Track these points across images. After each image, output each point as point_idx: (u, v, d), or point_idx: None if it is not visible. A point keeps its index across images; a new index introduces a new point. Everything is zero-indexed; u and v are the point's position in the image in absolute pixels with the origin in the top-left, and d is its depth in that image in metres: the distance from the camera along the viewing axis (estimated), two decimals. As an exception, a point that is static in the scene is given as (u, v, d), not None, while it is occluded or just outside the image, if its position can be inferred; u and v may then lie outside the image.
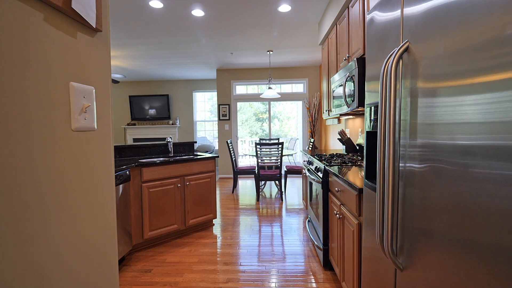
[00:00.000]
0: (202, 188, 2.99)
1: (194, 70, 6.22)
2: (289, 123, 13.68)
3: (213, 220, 3.26)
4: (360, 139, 2.70)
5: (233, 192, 4.74)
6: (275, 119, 14.89)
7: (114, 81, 5.66)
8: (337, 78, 2.56)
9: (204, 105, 7.62)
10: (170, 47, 4.46)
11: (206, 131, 7.61)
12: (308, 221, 2.83)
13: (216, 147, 7.30)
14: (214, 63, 5.58)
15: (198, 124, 7.55)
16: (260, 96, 4.80)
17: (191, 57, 5.12)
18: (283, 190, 4.17)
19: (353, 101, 2.09)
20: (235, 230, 3.04)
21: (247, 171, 4.54)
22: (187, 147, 3.52)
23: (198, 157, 2.96)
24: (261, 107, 15.63)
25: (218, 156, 3.12)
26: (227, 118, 6.05)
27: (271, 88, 4.66)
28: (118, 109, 7.58)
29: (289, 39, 4.18)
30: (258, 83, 6.07)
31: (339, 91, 2.51)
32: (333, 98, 2.76)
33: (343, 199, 1.64)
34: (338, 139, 2.93)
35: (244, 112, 13.78)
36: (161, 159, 3.06)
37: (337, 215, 1.72)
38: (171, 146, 3.19)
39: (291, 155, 6.08)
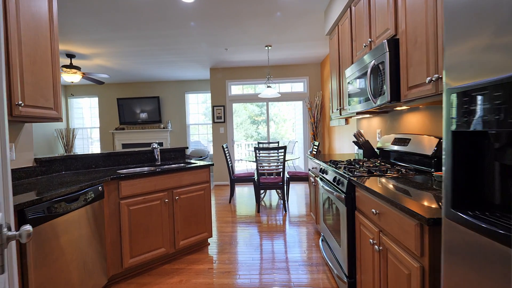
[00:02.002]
0: (195, 202, 2.52)
1: (185, 70, 5.76)
2: (285, 125, 13.32)
3: (208, 239, 2.79)
4: (381, 142, 2.29)
5: (230, 202, 4.28)
6: (271, 121, 14.53)
7: (99, 82, 5.16)
8: (352, 70, 2.15)
9: (198, 107, 7.15)
10: (157, 42, 4.01)
11: (200, 134, 7.14)
12: (322, 240, 2.39)
13: (211, 152, 6.82)
14: (207, 61, 5.14)
15: (191, 128, 7.08)
16: (259, 96, 4.37)
17: (181, 55, 4.67)
18: (285, 199, 3.72)
19: (380, 94, 1.67)
20: (234, 251, 2.57)
21: (245, 179, 4.09)
22: (177, 154, 3.06)
23: (190, 165, 2.50)
24: (256, 109, 15.29)
25: (212, 164, 2.66)
26: (222, 120, 5.60)
27: (270, 86, 4.24)
28: (106, 113, 7.06)
29: (290, 32, 3.77)
30: (255, 82, 5.65)
31: (356, 85, 2.09)
32: (347, 95, 2.34)
33: (385, 225, 1.20)
34: (353, 142, 2.51)
35: (239, 114, 13.35)
36: (146, 169, 2.59)
37: (375, 246, 1.28)
38: (158, 153, 2.72)
39: (294, 159, 5.66)
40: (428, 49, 1.27)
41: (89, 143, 7.49)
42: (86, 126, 7.37)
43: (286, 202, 3.74)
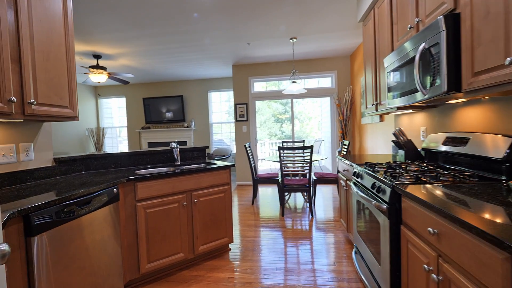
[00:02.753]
0: (215, 205, 2.37)
1: (208, 68, 5.67)
2: (310, 123, 12.88)
3: (229, 244, 2.63)
4: (427, 142, 1.96)
5: (253, 203, 4.10)
6: (295, 119, 14.18)
7: (124, 82, 5.24)
8: (393, 59, 1.84)
9: (220, 105, 7.07)
10: (178, 39, 3.92)
11: (223, 133, 7.05)
12: (356, 252, 2.11)
13: (234, 151, 6.71)
14: (229, 58, 4.99)
15: (214, 126, 7.01)
16: (283, 92, 4.13)
17: (203, 51, 4.56)
18: (312, 202, 3.46)
19: (432, 84, 1.37)
20: (256, 259, 2.38)
21: (268, 180, 3.88)
22: (197, 153, 2.93)
23: (209, 166, 2.35)
24: (280, 107, 15.01)
25: (233, 165, 2.49)
26: (245, 118, 5.43)
27: (295, 82, 3.98)
28: (133, 112, 7.23)
29: (317, 22, 3.48)
30: (279, 78, 5.40)
31: (398, 75, 1.79)
32: (386, 88, 2.03)
33: (449, 250, 0.93)
34: (393, 141, 2.19)
35: (263, 113, 13.13)
36: (165, 169, 2.49)
37: (432, 275, 1.01)
38: (177, 152, 2.61)
39: (321, 160, 5.37)
40: (509, 20, 0.96)
41: (118, 141, 7.73)
42: (115, 125, 7.61)
43: (312, 205, 3.48)
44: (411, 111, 2.28)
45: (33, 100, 1.52)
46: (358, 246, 2.05)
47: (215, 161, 2.71)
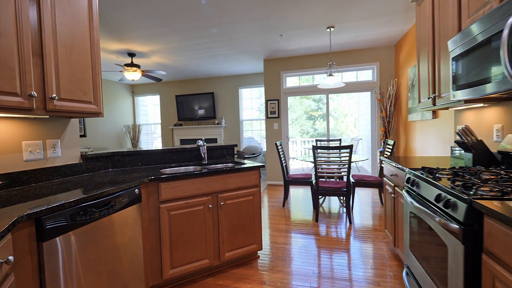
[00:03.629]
0: (243, 209, 2.18)
1: (239, 63, 5.52)
2: (346, 120, 12.20)
3: (258, 251, 2.44)
4: (506, 143, 1.55)
5: (284, 205, 3.86)
6: (329, 117, 13.55)
7: (157, 79, 5.30)
8: (462, 40, 1.47)
9: (251, 102, 6.90)
10: (209, 33, 3.80)
11: (253, 131, 6.89)
12: (407, 274, 1.78)
13: (265, 149, 6.51)
14: (260, 52, 4.77)
15: (245, 124, 6.87)
16: (318, 87, 3.80)
17: (233, 46, 4.40)
18: (350, 208, 3.12)
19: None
20: (287, 270, 2.15)
21: (301, 181, 3.61)
22: (226, 152, 2.77)
23: (237, 167, 2.16)
24: (313, 104, 14.49)
25: (263, 166, 2.28)
26: (276, 115, 5.19)
27: (332, 75, 3.64)
28: (166, 110, 7.39)
29: (358, 7, 3.11)
30: (313, 72, 5.05)
31: (468, 61, 1.42)
32: (451, 76, 1.66)
33: None
34: (456, 141, 1.81)
35: (294, 110, 12.74)
36: (191, 168, 2.36)
37: None
38: (204, 151, 2.47)
39: (360, 161, 4.94)
40: None
41: (153, 138, 7.98)
42: (149, 122, 7.85)
43: (350, 211, 3.14)
44: (481, 104, 1.86)
45: (55, 95, 1.45)
46: (410, 266, 1.71)
47: (244, 161, 2.52)
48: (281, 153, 3.78)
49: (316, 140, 4.60)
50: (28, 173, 1.61)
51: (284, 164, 3.80)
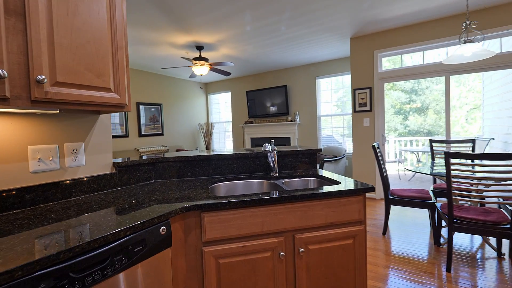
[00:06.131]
0: (336, 259, 1.32)
1: (317, 47, 4.56)
2: (454, 114, 9.68)
3: (357, 322, 1.53)
4: None
5: (384, 233, 2.77)
6: (428, 110, 11.10)
7: (226, 73, 4.87)
8: None
9: (331, 95, 5.83)
10: (279, 9, 3.01)
11: (333, 128, 5.81)
12: None
13: (348, 150, 5.37)
14: (346, 27, 3.72)
15: (322, 120, 5.85)
16: (444, 62, 2.53)
17: (313, 21, 3.50)
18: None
19: None
20: None
21: (413, 202, 2.48)
22: (305, 159, 1.95)
23: (326, 189, 1.32)
24: (402, 96, 12.24)
25: (372, 189, 1.36)
26: (368, 108, 4.03)
27: (470, 41, 2.34)
28: (237, 107, 7.04)
29: None
30: (425, 46, 3.67)
31: None
32: None
33: None
34: None
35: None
36: (255, 183, 1.64)
37: None
38: (274, 158, 1.71)
39: None
40: None
41: (225, 136, 7.80)
42: (222, 120, 7.68)
43: (512, 261, 1.88)
44: None
45: (43, 77, 0.92)
46: None
47: (332, 176, 1.65)
48: (380, 158, 2.71)
49: (431, 141, 3.28)
50: (35, 190, 1.17)
51: (384, 174, 2.72)
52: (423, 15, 3.40)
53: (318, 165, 2.53)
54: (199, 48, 4.34)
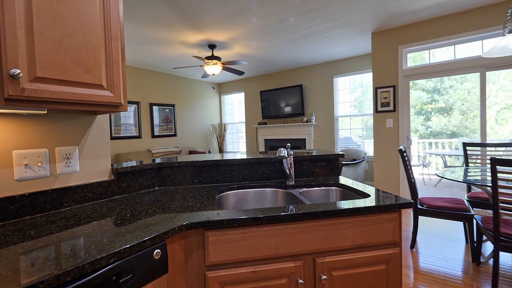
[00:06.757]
0: (364, 286, 1.11)
1: (334, 44, 4.31)
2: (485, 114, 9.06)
3: None
4: None
5: (412, 246, 2.50)
6: (453, 110, 10.49)
7: (239, 72, 4.71)
8: None
9: (349, 94, 5.53)
10: (293, 2, 2.81)
11: (351, 129, 5.51)
12: None
13: (368, 153, 5.06)
14: (367, 21, 3.45)
15: (340, 121, 5.57)
16: (484, 55, 2.24)
17: (328, 18, 3.27)
18: None
19: None
20: None
21: (447, 214, 2.20)
22: (325, 165, 1.73)
23: (354, 205, 1.11)
24: (424, 96, 11.64)
25: (410, 204, 1.13)
26: (391, 108, 3.74)
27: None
28: (251, 107, 6.87)
29: None
30: (458, 40, 3.34)
31: None
32: None
33: None
34: None
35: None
36: (268, 191, 1.45)
37: None
38: (290, 164, 1.51)
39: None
40: None
41: (238, 137, 7.66)
42: (235, 121, 7.54)
43: None
44: None
45: (19, 71, 0.77)
46: None
47: (357, 186, 1.43)
48: (408, 163, 2.45)
49: (464, 144, 2.95)
50: (20, 200, 1.04)
51: (412, 180, 2.45)
52: (454, 5, 3.08)
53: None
54: (212, 46, 4.21)
